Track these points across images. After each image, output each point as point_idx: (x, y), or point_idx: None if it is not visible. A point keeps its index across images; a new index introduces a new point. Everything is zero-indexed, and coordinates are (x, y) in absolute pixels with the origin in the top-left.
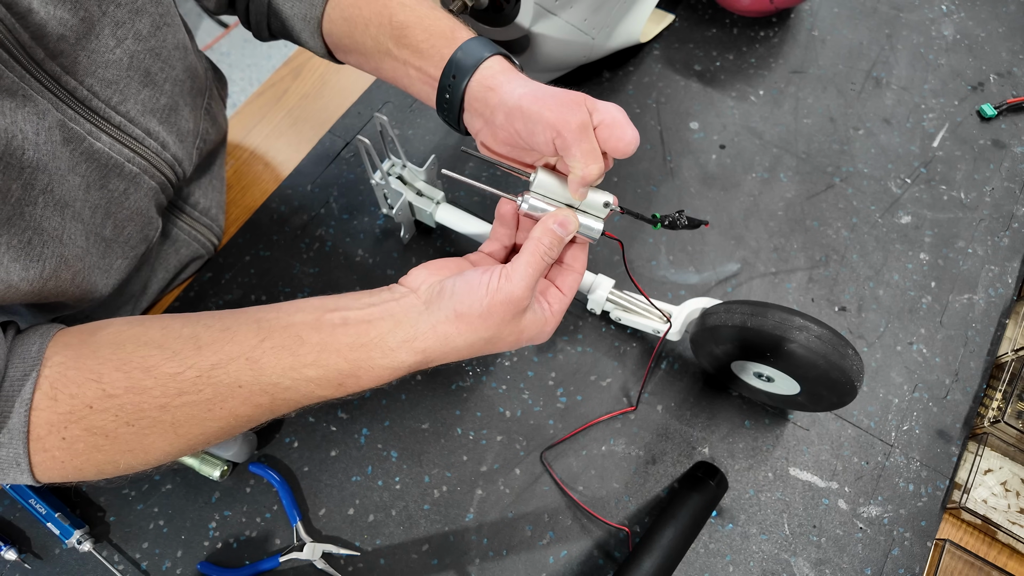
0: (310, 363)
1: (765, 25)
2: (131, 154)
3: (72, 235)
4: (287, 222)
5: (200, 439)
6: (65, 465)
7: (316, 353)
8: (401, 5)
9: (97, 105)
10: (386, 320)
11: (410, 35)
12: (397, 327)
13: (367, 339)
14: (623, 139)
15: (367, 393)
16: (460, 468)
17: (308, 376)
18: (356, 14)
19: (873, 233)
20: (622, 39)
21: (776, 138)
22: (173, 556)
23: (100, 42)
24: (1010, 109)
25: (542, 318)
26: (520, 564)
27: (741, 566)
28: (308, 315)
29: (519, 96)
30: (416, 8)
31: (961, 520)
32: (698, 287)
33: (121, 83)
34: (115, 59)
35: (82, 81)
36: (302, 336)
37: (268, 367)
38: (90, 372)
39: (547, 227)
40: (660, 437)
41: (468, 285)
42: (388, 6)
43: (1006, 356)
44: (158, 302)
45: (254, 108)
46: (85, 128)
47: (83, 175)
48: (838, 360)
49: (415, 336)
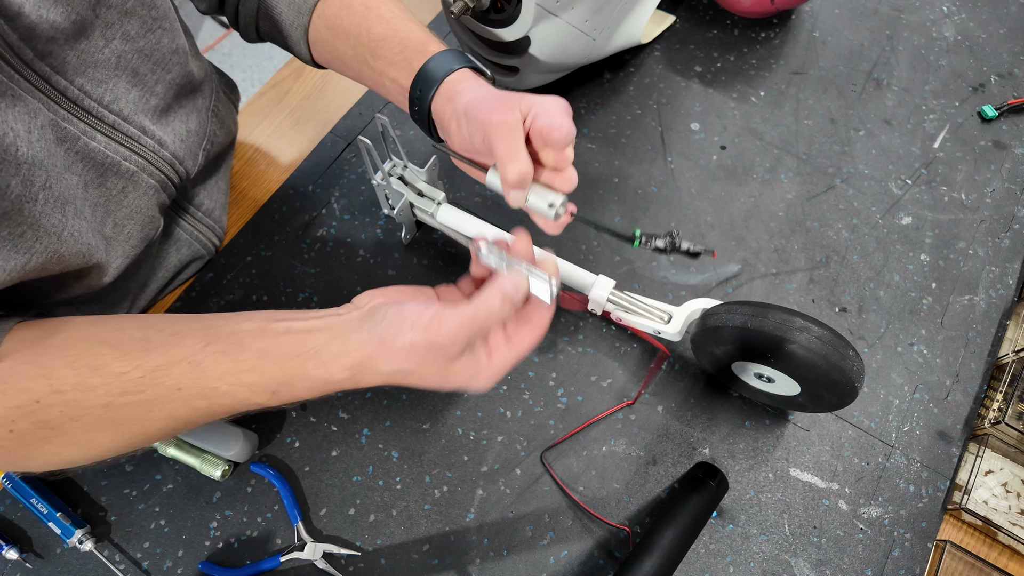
0: (247, 369)
1: (766, 26)
2: (127, 152)
3: (74, 232)
4: (288, 222)
5: (140, 437)
6: (11, 454)
7: (255, 360)
8: (380, 19)
9: (89, 104)
10: (325, 332)
11: (385, 48)
12: (332, 340)
13: (304, 349)
14: (555, 130)
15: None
16: (461, 468)
17: (245, 382)
18: (339, 24)
19: (874, 234)
20: (623, 40)
21: (777, 139)
22: (174, 556)
23: (90, 42)
24: (1011, 110)
25: (475, 368)
26: (521, 564)
27: (741, 567)
28: (255, 324)
29: (466, 102)
30: (393, 22)
31: (962, 521)
32: (699, 288)
33: (110, 82)
34: (104, 59)
35: (72, 81)
36: (244, 343)
37: (208, 371)
38: (41, 368)
39: (495, 290)
40: (660, 437)
41: (399, 316)
42: (367, 19)
43: (1007, 357)
44: (158, 301)
45: (256, 108)
46: (79, 128)
47: (80, 174)
48: (838, 361)
49: (346, 352)
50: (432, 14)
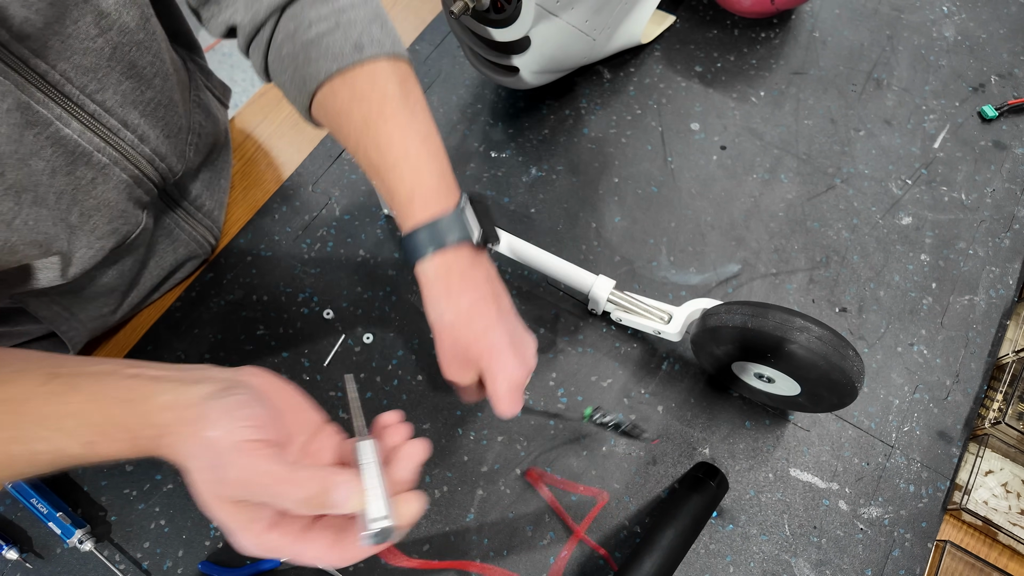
0: (71, 413)
1: (766, 26)
2: (102, 143)
3: (28, 220)
4: (289, 222)
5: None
6: None
7: (83, 403)
8: (375, 145)
9: (70, 91)
10: (170, 383)
11: (377, 179)
12: (169, 391)
13: (134, 395)
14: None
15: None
16: (461, 468)
17: (65, 427)
18: (337, 127)
19: (874, 234)
20: (623, 40)
21: (777, 139)
22: (174, 556)
23: (78, 28)
24: (1011, 110)
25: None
26: (520, 564)
27: (742, 567)
28: (107, 367)
29: (432, 321)
30: (387, 155)
31: (962, 521)
32: (699, 288)
33: (100, 72)
34: (96, 47)
35: (54, 65)
36: (80, 384)
37: (31, 413)
38: None
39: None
40: (660, 438)
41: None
42: (364, 138)
43: (1007, 357)
44: (153, 299)
45: (256, 108)
46: (54, 112)
47: (48, 159)
48: (839, 361)
49: (173, 406)
50: (432, 14)
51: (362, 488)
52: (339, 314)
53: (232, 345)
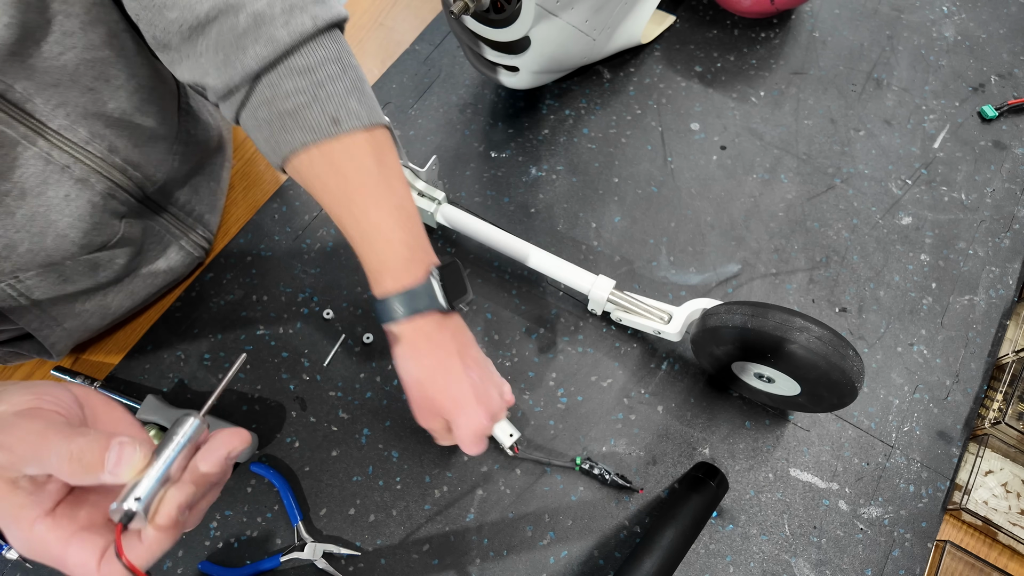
0: None
1: (766, 26)
2: (71, 159)
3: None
4: (288, 222)
5: None
6: None
7: None
8: (349, 215)
9: (32, 107)
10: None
11: (354, 244)
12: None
13: None
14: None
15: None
16: (461, 468)
17: None
18: (311, 189)
19: (874, 234)
20: (623, 40)
21: (777, 139)
22: (174, 555)
23: (40, 49)
24: (1011, 110)
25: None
26: (521, 564)
27: (741, 567)
28: None
29: (402, 376)
30: (360, 224)
31: (962, 521)
32: (699, 288)
33: (62, 86)
34: (59, 65)
35: (12, 85)
36: None
37: None
38: None
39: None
40: (660, 438)
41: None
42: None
43: (1007, 357)
44: (151, 299)
45: None
46: (19, 132)
47: (15, 181)
48: (838, 361)
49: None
50: (432, 14)
51: (141, 458)
52: (339, 314)
53: (232, 345)
